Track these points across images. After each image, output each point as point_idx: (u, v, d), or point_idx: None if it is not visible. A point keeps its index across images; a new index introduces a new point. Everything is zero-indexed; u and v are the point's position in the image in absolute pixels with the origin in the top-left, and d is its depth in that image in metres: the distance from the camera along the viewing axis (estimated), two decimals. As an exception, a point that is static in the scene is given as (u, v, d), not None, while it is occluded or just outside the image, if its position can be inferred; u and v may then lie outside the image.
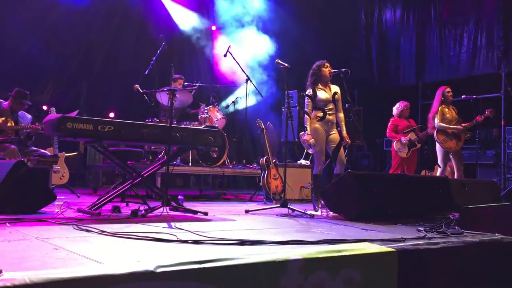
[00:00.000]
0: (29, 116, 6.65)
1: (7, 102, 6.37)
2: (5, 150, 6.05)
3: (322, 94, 5.59)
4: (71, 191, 6.57)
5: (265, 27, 10.81)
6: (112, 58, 10.18)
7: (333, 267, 2.37)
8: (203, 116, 7.80)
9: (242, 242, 2.74)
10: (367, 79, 11.61)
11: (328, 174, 6.00)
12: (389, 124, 8.01)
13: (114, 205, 4.38)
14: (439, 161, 7.03)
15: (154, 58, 7.78)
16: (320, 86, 5.64)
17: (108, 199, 4.39)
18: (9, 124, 6.26)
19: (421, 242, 2.92)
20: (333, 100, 5.64)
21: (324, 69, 5.64)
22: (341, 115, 5.74)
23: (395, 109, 8.06)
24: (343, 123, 5.72)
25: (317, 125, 5.56)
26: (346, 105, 5.83)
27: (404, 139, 7.71)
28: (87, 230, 3.09)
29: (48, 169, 5.83)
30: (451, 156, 6.98)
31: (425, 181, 5.47)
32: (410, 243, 2.83)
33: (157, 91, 6.99)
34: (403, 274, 2.61)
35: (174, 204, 4.51)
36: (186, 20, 11.14)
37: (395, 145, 7.86)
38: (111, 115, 10.01)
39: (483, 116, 6.84)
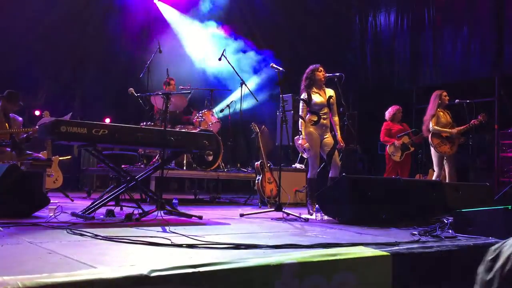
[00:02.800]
0: (20, 118, 6.61)
1: None
2: (1, 154, 6.02)
3: (317, 98, 5.60)
4: (65, 195, 6.54)
5: (259, 28, 10.85)
6: (107, 62, 10.16)
7: (328, 271, 2.37)
8: (197, 120, 7.79)
9: (237, 246, 2.74)
10: (362, 83, 11.64)
11: (323, 178, 6.01)
12: (382, 128, 8.04)
13: (108, 209, 4.36)
14: (434, 165, 7.06)
15: (148, 61, 7.78)
16: (314, 89, 5.64)
17: (102, 203, 4.37)
18: (7, 128, 6.23)
19: (415, 245, 2.93)
20: (328, 104, 5.65)
21: (318, 73, 5.64)
22: (336, 118, 5.75)
23: (387, 113, 8.11)
24: (337, 127, 5.73)
25: (312, 129, 5.57)
26: (340, 109, 5.84)
27: (397, 143, 7.75)
28: (81, 234, 3.07)
29: (41, 173, 5.80)
30: (445, 160, 7.01)
31: (419, 185, 5.49)
32: (404, 247, 2.84)
33: (152, 95, 6.98)
34: (397, 278, 2.61)
35: (168, 208, 4.50)
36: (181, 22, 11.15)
37: (388, 149, 7.89)
38: (107, 120, 9.98)
39: (476, 121, 6.88)
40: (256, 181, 6.88)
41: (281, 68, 5.47)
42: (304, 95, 5.64)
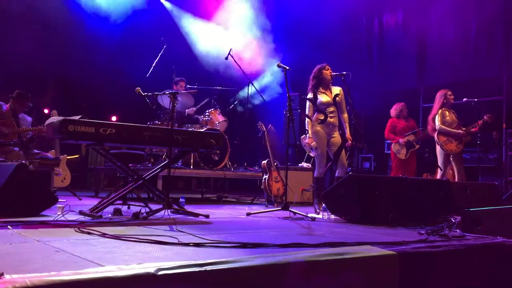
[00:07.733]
0: (30, 118, 6.65)
1: (7, 105, 6.38)
2: (9, 153, 6.06)
3: (323, 98, 5.60)
4: (73, 194, 6.57)
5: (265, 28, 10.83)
6: (114, 61, 10.19)
7: (334, 270, 2.37)
8: (204, 119, 7.80)
9: (244, 245, 2.74)
10: (368, 82, 11.60)
11: (330, 177, 6.00)
12: (387, 125, 8.01)
13: (116, 207, 4.38)
14: (440, 164, 7.03)
15: (155, 61, 7.79)
16: (321, 89, 5.65)
17: (109, 201, 4.39)
18: (13, 128, 6.26)
19: (422, 245, 2.91)
20: (334, 102, 5.64)
21: (325, 71, 5.64)
22: (345, 115, 5.73)
23: (393, 110, 8.09)
24: (346, 124, 5.71)
25: (318, 128, 5.56)
26: (347, 108, 5.83)
27: (402, 141, 7.72)
28: (89, 233, 3.09)
29: (49, 172, 5.84)
30: (451, 159, 6.98)
31: (426, 184, 5.46)
32: (411, 246, 2.83)
33: (159, 94, 6.99)
34: (404, 277, 2.60)
35: (175, 206, 4.51)
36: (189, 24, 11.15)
37: (393, 147, 7.87)
38: (114, 118, 10.01)
39: (482, 121, 6.85)
40: (263, 180, 6.89)
41: (287, 67, 5.47)
42: (310, 95, 5.65)
